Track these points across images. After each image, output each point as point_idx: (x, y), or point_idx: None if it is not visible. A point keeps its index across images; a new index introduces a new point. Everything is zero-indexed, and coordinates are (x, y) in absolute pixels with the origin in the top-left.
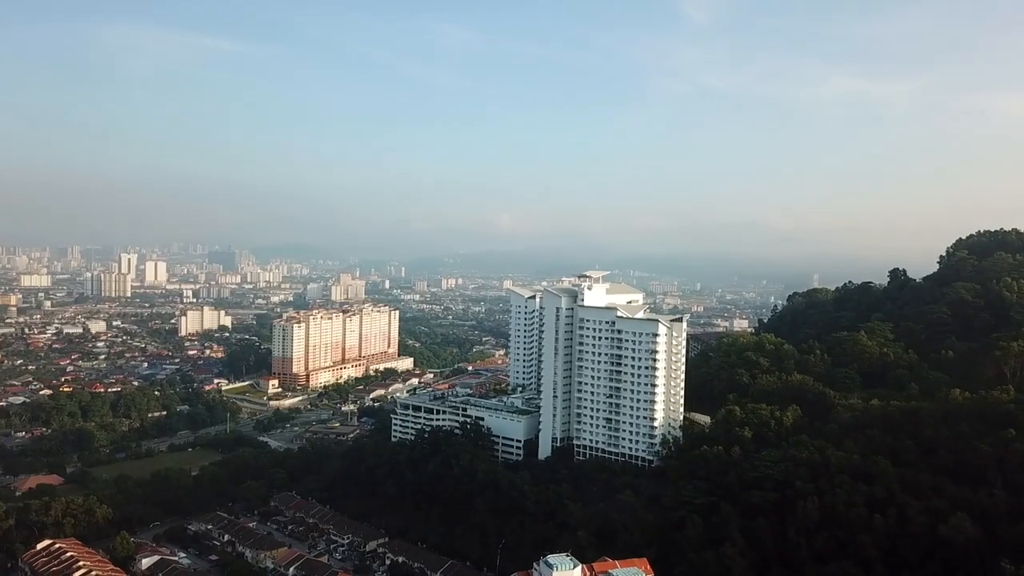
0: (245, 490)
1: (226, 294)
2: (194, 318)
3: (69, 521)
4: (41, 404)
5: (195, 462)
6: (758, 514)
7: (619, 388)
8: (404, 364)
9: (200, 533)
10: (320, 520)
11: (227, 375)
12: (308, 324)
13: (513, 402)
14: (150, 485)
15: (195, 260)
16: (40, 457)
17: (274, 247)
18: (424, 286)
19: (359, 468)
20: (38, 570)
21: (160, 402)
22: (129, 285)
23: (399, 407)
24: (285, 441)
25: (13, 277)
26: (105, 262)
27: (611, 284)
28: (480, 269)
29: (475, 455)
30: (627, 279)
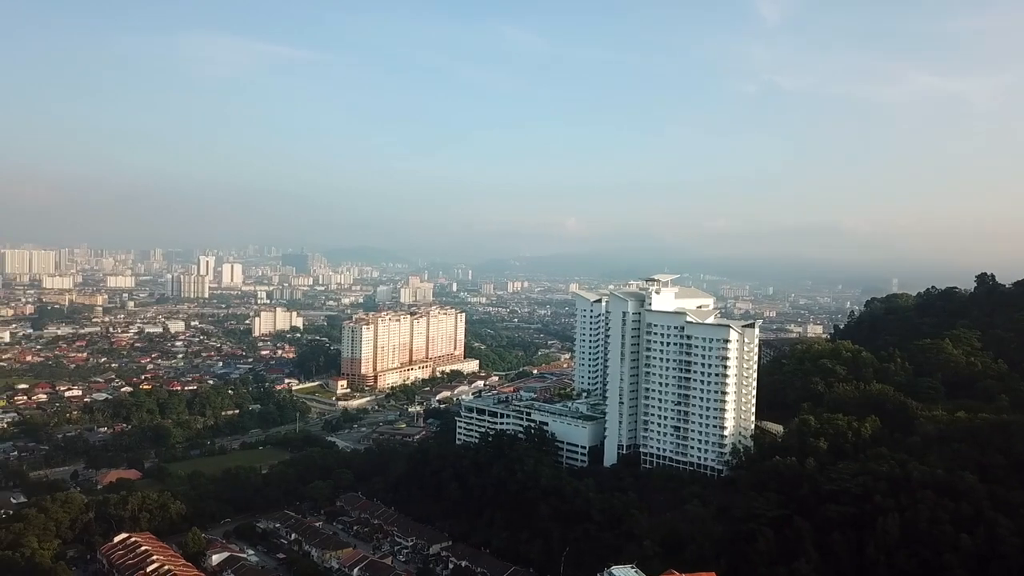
0: (312, 489)
1: (298, 296)
2: (267, 319)
3: (145, 516)
4: (122, 401)
5: (265, 460)
6: (834, 529)
7: (688, 395)
8: (470, 366)
9: (268, 531)
10: (385, 521)
11: (298, 375)
12: (376, 326)
13: (578, 407)
14: (221, 482)
15: (269, 262)
16: (120, 452)
17: (345, 250)
18: (490, 289)
19: (424, 470)
20: (115, 563)
21: (233, 401)
22: (207, 286)
23: (463, 410)
24: (352, 441)
25: (100, 278)
26: (185, 264)
27: (680, 288)
28: (546, 272)
29: (539, 460)
30: (697, 283)
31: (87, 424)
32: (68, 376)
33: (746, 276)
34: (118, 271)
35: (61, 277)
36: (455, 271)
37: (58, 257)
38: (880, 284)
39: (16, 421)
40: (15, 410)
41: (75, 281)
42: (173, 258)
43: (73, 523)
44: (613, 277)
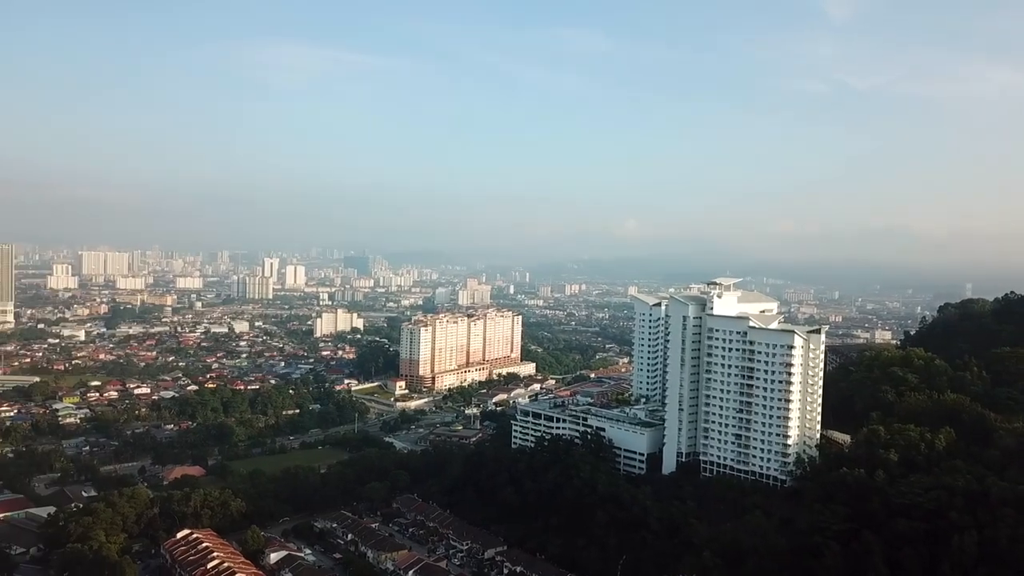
0: (369, 490)
1: (359, 297)
2: (328, 320)
3: (206, 513)
4: (188, 399)
5: (324, 460)
6: (905, 545)
7: (750, 403)
8: (526, 369)
9: (325, 531)
10: (440, 524)
11: (357, 376)
12: (434, 328)
13: (636, 413)
14: (281, 481)
15: (332, 264)
16: (185, 449)
17: (406, 253)
18: (548, 291)
19: (479, 473)
20: (177, 558)
21: (294, 400)
22: (271, 288)
23: (519, 413)
24: (410, 442)
25: (170, 280)
26: (250, 266)
27: (742, 292)
28: (604, 275)
29: (596, 467)
30: (759, 287)
31: (155, 421)
32: (138, 374)
33: (811, 280)
34: (187, 272)
35: (134, 278)
36: (513, 274)
37: (131, 259)
38: (953, 289)
39: (89, 417)
40: (88, 406)
41: (147, 282)
42: (239, 260)
43: (139, 518)
44: (673, 280)
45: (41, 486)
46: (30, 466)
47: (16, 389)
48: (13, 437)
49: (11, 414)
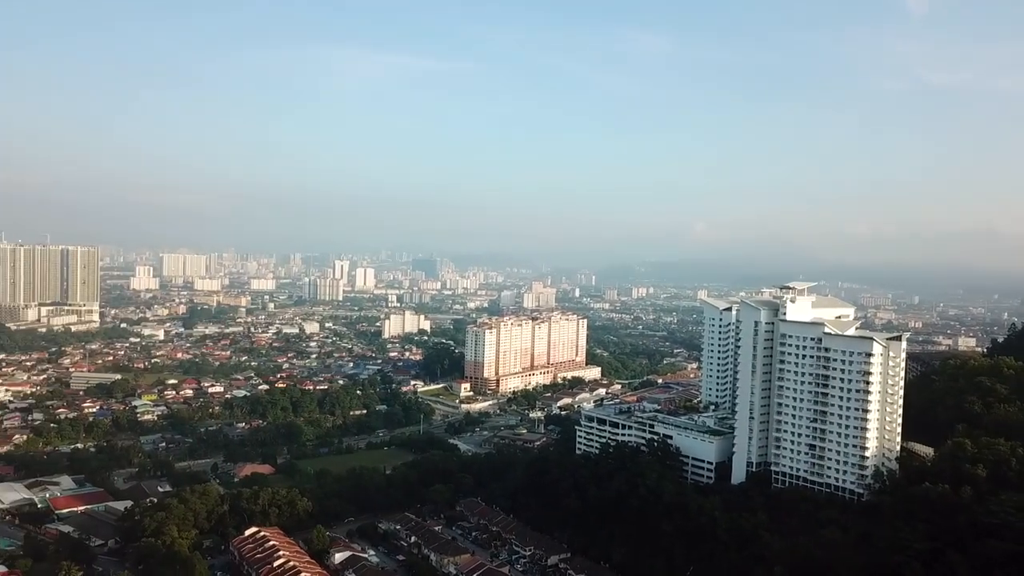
0: (433, 492)
1: (427, 299)
2: (396, 322)
3: (274, 511)
4: (259, 398)
5: (389, 461)
6: (994, 568)
7: (825, 412)
8: (591, 373)
9: (389, 532)
10: (503, 529)
11: (423, 377)
12: (499, 330)
13: (704, 421)
14: (346, 481)
15: (400, 267)
16: (256, 447)
17: (472, 255)
18: (614, 295)
19: (543, 478)
20: (245, 555)
21: (361, 401)
22: (341, 290)
23: (584, 419)
24: (474, 445)
25: (245, 281)
26: (322, 268)
27: (817, 297)
28: (672, 278)
29: (662, 475)
30: (834, 291)
31: (227, 419)
32: (212, 373)
33: (888, 284)
34: (261, 274)
35: (211, 280)
36: (578, 276)
37: (209, 261)
38: None
39: (165, 415)
40: (165, 404)
41: (223, 283)
42: (311, 262)
43: (209, 514)
44: (743, 284)
45: (120, 480)
46: (110, 461)
47: (99, 386)
48: (95, 432)
49: (94, 410)
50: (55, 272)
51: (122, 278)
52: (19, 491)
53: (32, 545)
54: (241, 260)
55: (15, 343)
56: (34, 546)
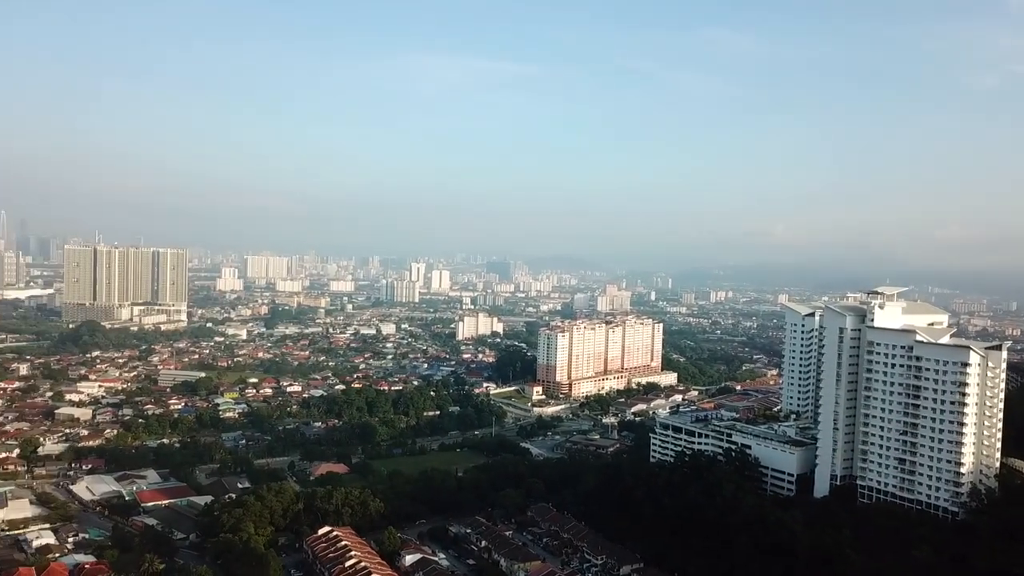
0: (504, 497)
1: (500, 302)
2: (470, 323)
3: (347, 511)
4: (335, 398)
5: (461, 463)
6: None
7: (916, 425)
8: (667, 379)
9: (460, 536)
10: (574, 536)
11: (496, 379)
12: (572, 333)
13: (785, 431)
14: (418, 483)
15: (475, 269)
16: (331, 447)
17: (546, 258)
18: (691, 298)
19: (616, 486)
20: (318, 554)
21: (435, 402)
22: (417, 292)
23: (659, 426)
24: (546, 449)
25: (325, 283)
26: (399, 271)
27: (908, 303)
28: (752, 282)
29: (740, 486)
30: (923, 296)
31: (304, 418)
32: (291, 372)
33: (982, 290)
34: (340, 276)
35: (292, 281)
36: (654, 280)
37: (290, 263)
38: None
39: (246, 412)
40: (246, 402)
41: (303, 285)
42: (389, 265)
43: (285, 512)
44: (826, 289)
45: (202, 476)
46: (193, 456)
47: (184, 384)
48: (180, 428)
49: (179, 407)
50: (147, 273)
51: (209, 279)
52: (109, 483)
53: (119, 536)
54: (321, 262)
55: (109, 341)
56: (121, 537)
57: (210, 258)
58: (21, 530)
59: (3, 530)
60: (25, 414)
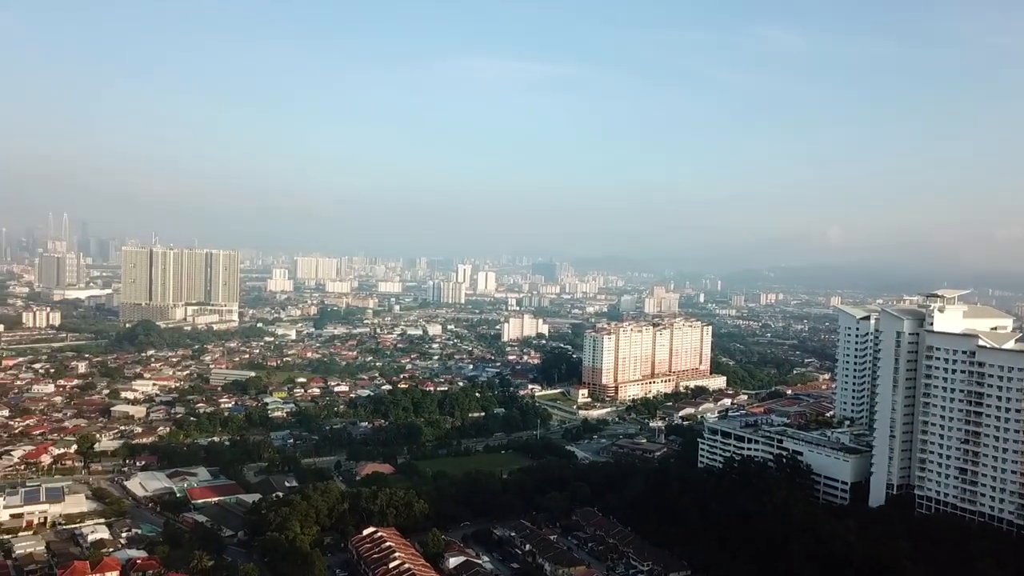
0: (548, 500)
1: (545, 303)
2: (515, 325)
3: (391, 512)
4: (382, 398)
5: (506, 465)
6: None
7: (979, 433)
8: (716, 382)
9: (504, 539)
10: (620, 541)
11: (540, 381)
12: (618, 336)
13: (839, 437)
14: (462, 485)
15: (520, 271)
16: (377, 447)
17: (592, 259)
18: (741, 301)
19: (663, 491)
20: (362, 554)
21: (480, 403)
22: (463, 293)
23: (707, 431)
24: (591, 452)
25: (373, 284)
26: (445, 272)
27: (968, 306)
28: (804, 284)
29: (791, 493)
30: (984, 299)
31: (351, 418)
32: (339, 372)
33: None
34: (388, 277)
35: (341, 282)
36: (703, 281)
37: (339, 264)
38: None
39: (294, 412)
40: (294, 401)
41: (352, 286)
42: (435, 266)
43: (331, 512)
44: (881, 291)
45: (251, 474)
46: (243, 455)
47: (235, 383)
48: (230, 427)
49: (229, 405)
50: (200, 274)
51: (260, 280)
52: (161, 480)
53: (170, 532)
54: (370, 263)
55: (164, 340)
56: (172, 533)
57: (261, 259)
58: (77, 524)
59: (61, 524)
60: (83, 411)
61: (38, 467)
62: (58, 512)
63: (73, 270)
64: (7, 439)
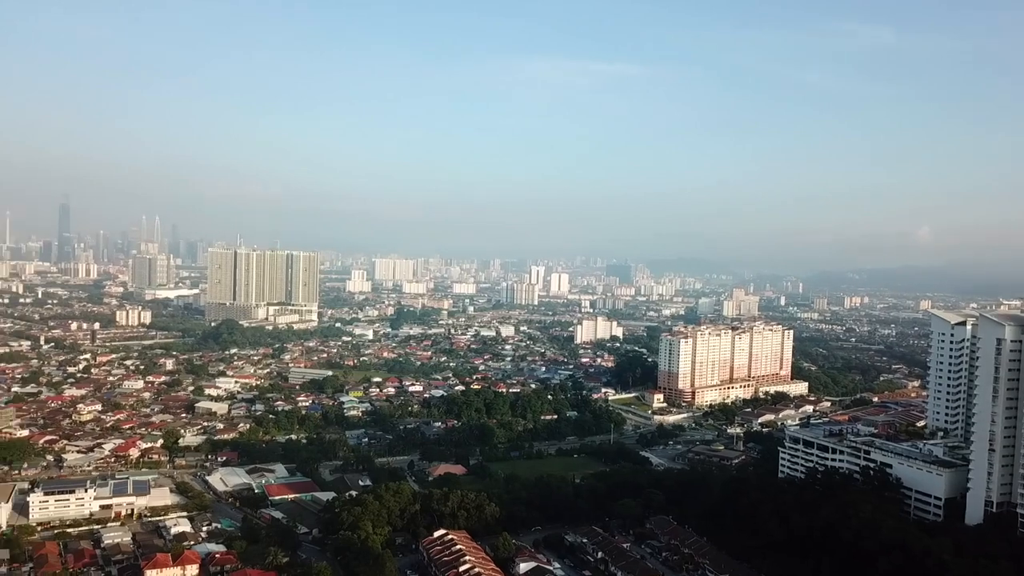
0: (621, 507)
1: (620, 305)
2: (589, 327)
3: (462, 514)
4: (455, 399)
5: (578, 469)
6: None
7: None
8: (797, 389)
9: (575, 545)
10: (696, 552)
11: (614, 385)
12: (695, 339)
13: (931, 449)
14: (534, 489)
15: (594, 272)
16: (450, 447)
17: (668, 261)
18: (823, 304)
19: (741, 501)
20: (433, 557)
21: (552, 406)
22: (536, 294)
23: (789, 440)
24: (666, 459)
25: (448, 285)
26: (519, 273)
27: None
28: (891, 287)
29: (879, 508)
30: None
31: (425, 418)
32: (413, 372)
33: None
34: (463, 279)
35: (417, 283)
36: (784, 284)
37: (416, 266)
38: None
39: (369, 411)
40: (369, 401)
41: (428, 287)
42: (509, 267)
43: (402, 512)
44: (974, 294)
45: (326, 472)
46: (319, 452)
47: (312, 382)
48: (307, 425)
49: (307, 404)
50: (281, 275)
51: (339, 281)
52: (241, 476)
53: (248, 528)
54: (445, 265)
55: (246, 339)
56: (250, 529)
57: (340, 261)
58: (161, 517)
59: (146, 516)
60: (169, 407)
61: (127, 460)
62: (144, 504)
63: (164, 271)
64: (99, 432)
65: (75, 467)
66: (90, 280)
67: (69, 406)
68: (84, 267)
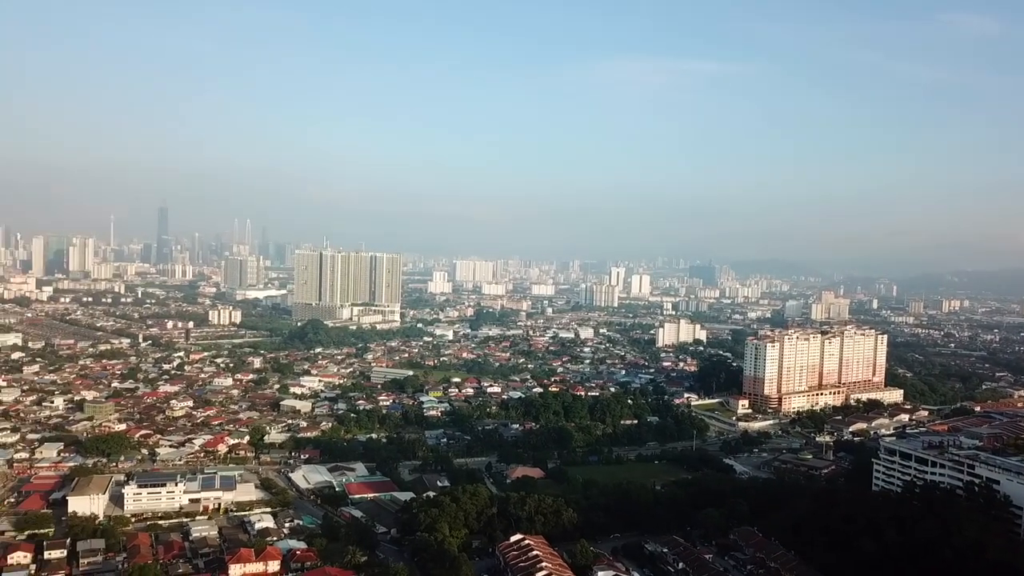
0: (704, 517)
1: (703, 308)
2: (671, 330)
3: (539, 519)
4: (532, 401)
5: (658, 476)
6: None
7: None
8: (891, 396)
9: (655, 554)
10: (782, 566)
11: (697, 390)
12: (782, 343)
13: None
14: (613, 495)
15: (677, 274)
16: (528, 450)
17: (754, 262)
18: (919, 307)
19: (831, 514)
20: (509, 561)
21: (632, 410)
22: (616, 296)
23: (884, 451)
24: (751, 467)
25: (527, 286)
26: (598, 275)
27: None
28: (994, 290)
29: (985, 527)
30: None
31: (503, 420)
32: (492, 373)
33: None
34: (541, 280)
35: (496, 284)
36: (876, 286)
37: (495, 267)
38: None
39: (448, 411)
40: (448, 401)
41: (507, 288)
42: (588, 269)
43: (479, 515)
44: None
45: (405, 471)
46: (398, 452)
47: (393, 381)
48: (387, 425)
49: (387, 403)
50: (365, 276)
51: (421, 282)
52: (323, 474)
53: (328, 525)
54: (524, 266)
55: (330, 339)
56: (330, 526)
57: (423, 262)
58: (247, 512)
59: (232, 510)
60: (256, 404)
61: (215, 455)
62: (230, 499)
63: (254, 272)
64: (191, 428)
65: (167, 461)
66: (186, 280)
67: (163, 402)
68: (180, 268)
